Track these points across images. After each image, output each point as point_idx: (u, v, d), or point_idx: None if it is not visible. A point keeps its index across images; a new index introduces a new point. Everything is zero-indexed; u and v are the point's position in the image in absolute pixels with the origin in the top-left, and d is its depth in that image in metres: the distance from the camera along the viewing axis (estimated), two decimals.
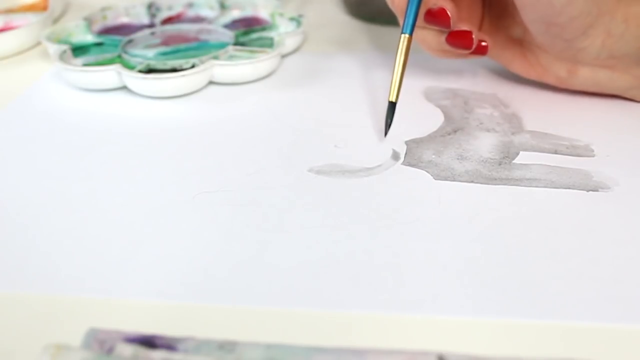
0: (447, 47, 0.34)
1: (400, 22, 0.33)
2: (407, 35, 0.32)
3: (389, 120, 0.32)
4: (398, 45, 0.32)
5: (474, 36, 0.33)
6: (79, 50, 0.41)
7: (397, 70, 0.32)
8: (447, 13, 0.32)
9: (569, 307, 0.23)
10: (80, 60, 0.40)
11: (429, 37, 0.34)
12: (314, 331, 0.22)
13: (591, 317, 0.22)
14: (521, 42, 0.35)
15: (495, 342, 0.22)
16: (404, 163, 0.31)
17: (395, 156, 0.31)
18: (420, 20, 0.33)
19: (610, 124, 0.33)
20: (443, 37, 0.34)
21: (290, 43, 0.42)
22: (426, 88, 0.37)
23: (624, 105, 0.34)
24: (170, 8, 0.46)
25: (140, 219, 0.28)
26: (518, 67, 0.35)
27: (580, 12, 0.30)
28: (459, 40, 0.33)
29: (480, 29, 0.36)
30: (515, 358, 0.21)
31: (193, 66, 0.38)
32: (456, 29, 0.33)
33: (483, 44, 0.34)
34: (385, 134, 0.32)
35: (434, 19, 0.33)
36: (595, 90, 0.34)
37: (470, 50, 0.34)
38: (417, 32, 0.34)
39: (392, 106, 0.32)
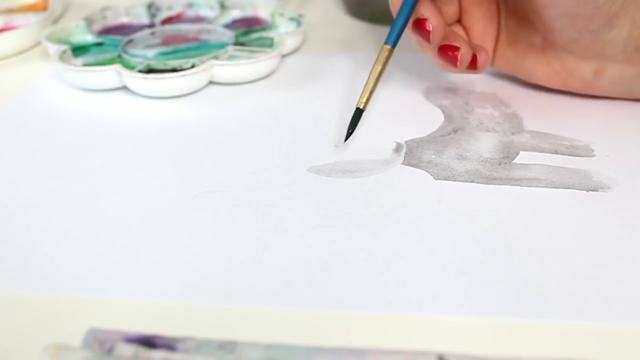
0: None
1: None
2: (388, 47, 0.32)
3: (353, 127, 0.31)
4: (378, 54, 0.32)
5: (459, 53, 0.32)
6: (79, 50, 0.41)
7: (372, 78, 0.31)
8: (426, 25, 0.31)
9: (569, 307, 0.23)
10: (80, 60, 0.40)
11: (425, 46, 0.33)
12: (314, 331, 0.22)
13: (591, 317, 0.22)
14: (543, 49, 0.34)
15: (495, 342, 0.22)
16: (404, 163, 0.31)
17: (396, 155, 0.31)
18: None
19: (610, 124, 0.33)
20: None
21: (290, 43, 0.42)
22: (426, 88, 0.37)
23: (624, 106, 0.34)
24: (170, 8, 0.46)
25: (140, 218, 0.28)
26: (541, 75, 0.35)
27: (605, 0, 0.30)
28: (445, 55, 0.32)
29: (496, 44, 0.35)
30: (515, 358, 0.21)
31: (193, 66, 0.38)
32: (443, 43, 0.32)
33: (481, 57, 0.33)
34: (346, 139, 0.31)
35: (416, 29, 0.32)
36: (622, 92, 0.34)
37: (457, 68, 0.33)
38: (415, 37, 0.33)
39: (358, 113, 0.31)
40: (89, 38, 0.43)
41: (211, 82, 0.39)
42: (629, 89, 0.33)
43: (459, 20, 0.36)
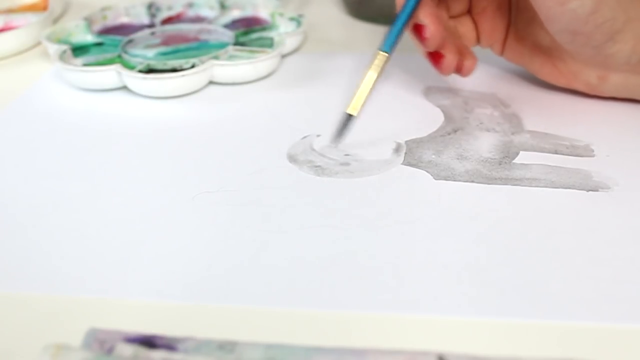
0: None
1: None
2: (385, 54, 0.31)
3: (343, 132, 0.31)
4: (373, 61, 0.31)
5: (444, 61, 0.33)
6: (79, 50, 0.41)
7: (367, 85, 0.31)
8: (424, 32, 0.32)
9: (569, 307, 0.23)
10: (80, 60, 0.40)
11: (419, 46, 0.34)
12: (314, 331, 0.22)
13: (591, 317, 0.22)
14: (549, 50, 0.34)
15: (495, 342, 0.22)
16: (404, 163, 0.31)
17: (395, 155, 0.31)
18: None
19: (610, 124, 0.33)
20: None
21: (290, 43, 0.42)
22: (426, 88, 0.37)
23: (624, 106, 0.34)
24: (170, 8, 0.46)
25: (140, 218, 0.28)
26: (547, 74, 0.35)
27: (606, 19, 0.30)
28: (431, 59, 0.34)
29: (506, 37, 0.36)
30: (515, 358, 0.21)
31: (193, 66, 0.38)
32: (433, 50, 0.33)
33: (467, 63, 0.34)
34: (335, 142, 0.31)
35: (414, 34, 0.33)
36: (626, 96, 0.34)
37: (441, 73, 0.34)
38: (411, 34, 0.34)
39: (349, 118, 0.31)
40: (89, 38, 0.43)
41: (211, 82, 0.39)
42: (633, 94, 0.34)
43: (470, 12, 0.36)
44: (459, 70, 0.34)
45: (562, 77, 0.35)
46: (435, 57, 0.33)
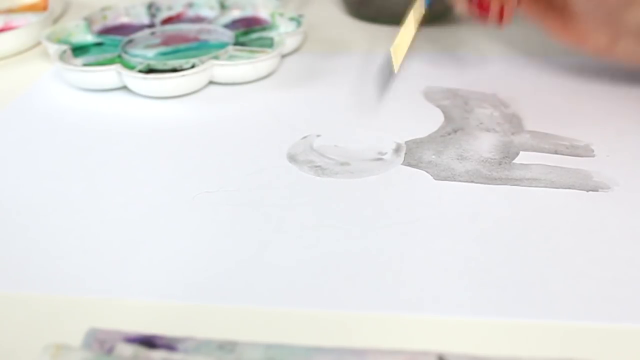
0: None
1: None
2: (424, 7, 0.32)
3: (388, 85, 0.31)
4: (410, 11, 0.32)
5: (492, 8, 0.33)
6: (79, 50, 0.41)
7: (407, 38, 0.32)
8: None
9: (569, 307, 0.23)
10: (80, 60, 0.40)
11: None
12: (314, 331, 0.22)
13: (591, 317, 0.22)
14: (562, 10, 0.34)
15: (495, 342, 0.22)
16: (404, 163, 0.31)
17: (395, 156, 0.31)
18: None
19: (610, 124, 0.33)
20: None
21: (290, 43, 0.42)
22: (426, 88, 0.37)
23: (624, 105, 0.34)
24: (170, 8, 0.46)
25: (141, 218, 0.28)
26: (558, 33, 0.35)
27: None
28: (479, 7, 0.34)
29: None
30: (515, 358, 0.21)
31: (193, 66, 0.38)
32: None
33: (507, 8, 0.34)
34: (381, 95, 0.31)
35: None
36: (633, 63, 0.34)
37: (487, 22, 0.34)
38: None
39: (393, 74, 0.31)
40: (89, 38, 0.43)
41: (211, 82, 0.39)
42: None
43: None
44: (500, 17, 0.34)
45: (572, 37, 0.35)
46: (481, 3, 0.33)
